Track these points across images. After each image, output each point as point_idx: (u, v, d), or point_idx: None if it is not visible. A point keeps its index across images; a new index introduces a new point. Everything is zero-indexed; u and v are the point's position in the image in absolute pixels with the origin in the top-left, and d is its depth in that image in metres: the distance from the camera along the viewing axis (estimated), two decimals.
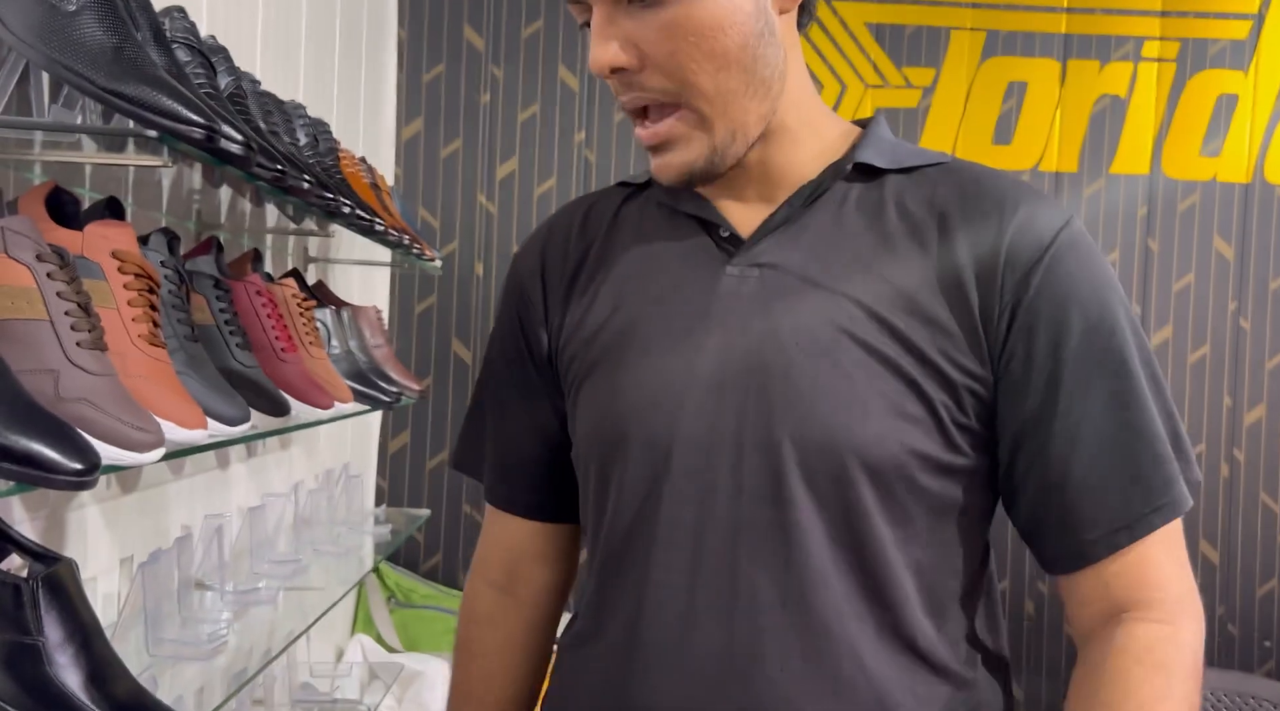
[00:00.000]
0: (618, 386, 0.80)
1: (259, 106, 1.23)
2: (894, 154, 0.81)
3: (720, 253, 0.81)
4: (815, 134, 0.81)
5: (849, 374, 0.74)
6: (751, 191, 0.81)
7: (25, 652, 0.82)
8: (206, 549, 1.36)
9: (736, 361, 0.77)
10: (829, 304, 0.76)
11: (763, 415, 0.75)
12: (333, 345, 1.58)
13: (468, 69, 2.59)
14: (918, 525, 0.76)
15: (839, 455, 0.74)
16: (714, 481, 0.76)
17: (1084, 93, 2.58)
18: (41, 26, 0.81)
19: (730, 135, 0.77)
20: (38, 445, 0.65)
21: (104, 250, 0.89)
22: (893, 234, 0.78)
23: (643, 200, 0.87)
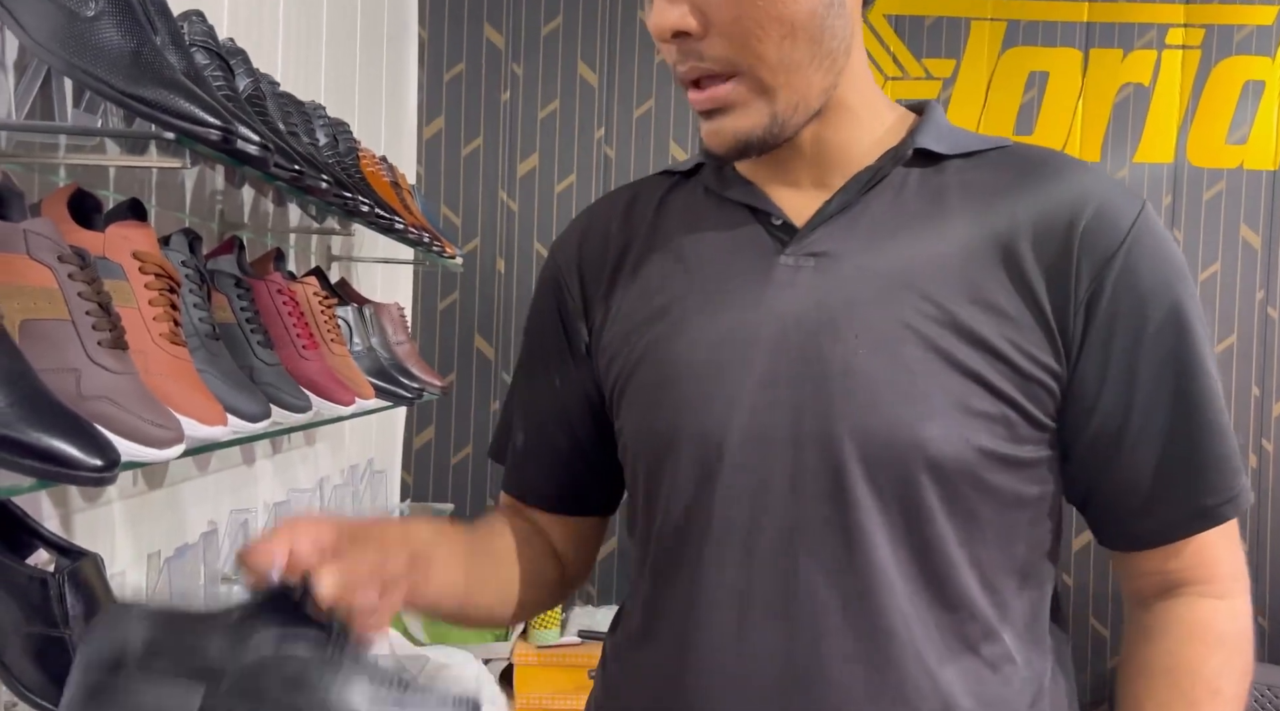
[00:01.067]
0: (666, 381, 0.77)
1: (278, 107, 1.24)
2: (954, 139, 0.78)
3: (773, 242, 0.77)
4: (874, 116, 0.78)
5: (912, 368, 0.71)
6: (805, 176, 0.78)
7: (52, 645, 0.84)
8: (232, 543, 1.39)
9: (792, 355, 0.74)
10: (889, 295, 0.73)
11: (821, 410, 0.72)
12: (355, 342, 1.60)
13: (488, 67, 2.60)
14: (983, 523, 0.73)
15: (903, 453, 0.71)
16: (769, 479, 0.73)
17: (1107, 81, 2.55)
18: (61, 32, 0.83)
19: (792, 106, 0.73)
20: (59, 442, 0.67)
21: (125, 251, 0.91)
22: (955, 221, 0.75)
23: (688, 188, 0.84)
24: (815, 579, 0.72)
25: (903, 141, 0.78)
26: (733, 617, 0.74)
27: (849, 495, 0.72)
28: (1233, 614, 0.75)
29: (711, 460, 0.75)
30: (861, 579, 0.72)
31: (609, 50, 2.60)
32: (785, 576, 0.73)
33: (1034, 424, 0.73)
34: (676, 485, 0.77)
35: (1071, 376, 0.73)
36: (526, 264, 2.61)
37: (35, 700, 0.84)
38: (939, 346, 0.71)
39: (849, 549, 0.72)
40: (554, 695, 2.36)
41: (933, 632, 0.72)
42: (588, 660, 2.31)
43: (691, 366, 0.77)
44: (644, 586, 0.81)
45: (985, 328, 0.71)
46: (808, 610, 0.72)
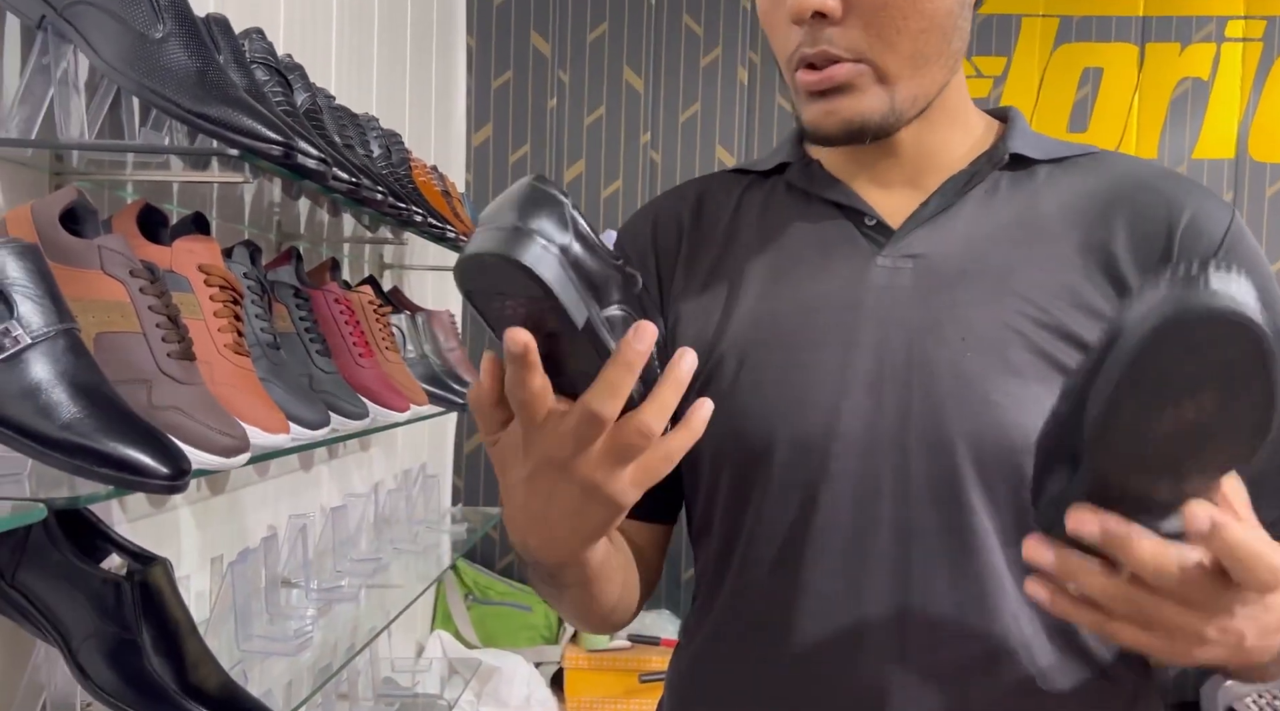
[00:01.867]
0: (757, 384, 0.75)
1: (334, 121, 1.27)
2: (1042, 145, 0.78)
3: (867, 243, 0.76)
4: (969, 120, 0.79)
5: (1020, 371, 0.70)
6: (898, 177, 0.78)
7: (125, 647, 0.87)
8: (291, 548, 1.42)
9: (896, 357, 0.72)
10: (991, 297, 0.73)
11: (931, 413, 0.71)
12: (408, 349, 1.62)
13: (535, 74, 2.62)
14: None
15: (1016, 456, 0.69)
16: (878, 485, 0.72)
17: (1164, 76, 2.50)
18: (131, 54, 0.86)
19: (910, 99, 0.73)
20: (133, 451, 0.69)
21: (191, 264, 0.94)
22: (1049, 225, 0.75)
23: (768, 188, 0.82)
24: (932, 584, 0.71)
25: (995, 146, 0.78)
26: (842, 626, 0.72)
27: (963, 499, 0.71)
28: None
29: (814, 466, 0.73)
30: (979, 583, 0.71)
31: (654, 55, 2.61)
32: (900, 583, 0.71)
33: None
34: (771, 492, 0.74)
35: None
36: None
37: (110, 700, 0.86)
38: (1043, 349, 0.71)
39: (965, 553, 0.71)
40: (604, 698, 2.37)
41: (1043, 636, 0.72)
42: (638, 663, 2.32)
43: (785, 370, 0.74)
44: (724, 596, 0.78)
45: (1086, 331, 0.71)
46: (922, 615, 0.71)
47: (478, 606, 2.50)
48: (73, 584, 0.87)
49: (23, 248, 0.69)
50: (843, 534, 0.72)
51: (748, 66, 2.60)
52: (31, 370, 0.68)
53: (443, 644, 2.37)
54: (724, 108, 2.60)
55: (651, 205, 0.87)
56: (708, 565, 0.81)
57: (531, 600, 2.50)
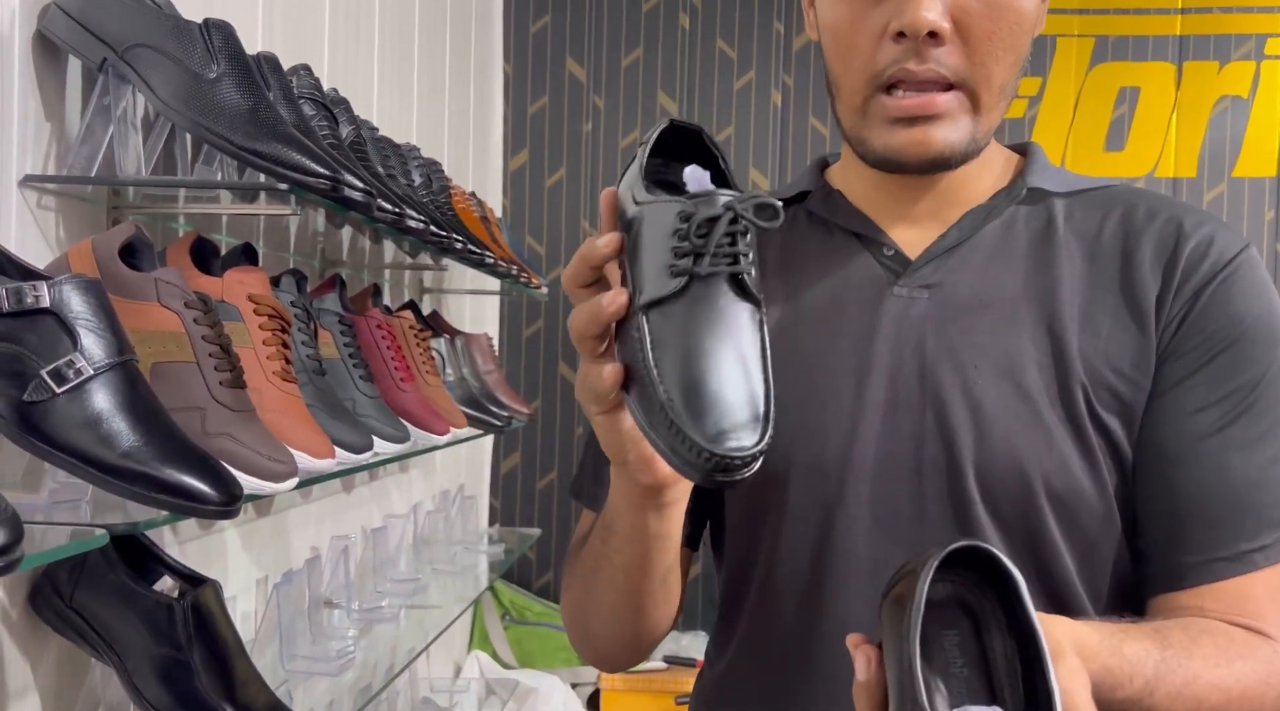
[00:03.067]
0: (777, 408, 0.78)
1: (377, 151, 1.30)
2: (1061, 178, 0.80)
3: (884, 272, 0.78)
4: (992, 155, 0.80)
5: (1031, 397, 0.72)
6: (921, 209, 0.79)
7: (177, 667, 0.89)
8: (334, 569, 1.44)
9: (910, 383, 0.74)
10: (1005, 325, 0.74)
11: (943, 439, 0.73)
12: (447, 372, 1.65)
13: (570, 99, 2.66)
14: (1102, 552, 0.73)
15: (1026, 481, 0.71)
16: (894, 509, 0.73)
17: (1202, 95, 2.48)
18: (187, 93, 0.89)
19: (987, 133, 0.75)
20: (189, 478, 0.72)
21: (241, 294, 0.97)
22: (1064, 255, 0.76)
23: (790, 216, 0.83)
24: None
25: (1014, 181, 0.79)
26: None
27: (973, 525, 0.72)
28: (1272, 649, 0.69)
29: (831, 491, 0.74)
30: None
31: (688, 79, 2.64)
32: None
33: (1135, 448, 0.74)
34: (788, 515, 0.76)
35: (1150, 397, 0.73)
36: None
37: None
38: (1056, 377, 0.72)
39: None
40: None
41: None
42: (674, 685, 2.32)
43: (801, 395, 0.75)
44: (744, 619, 0.79)
45: (1098, 359, 0.73)
46: None
47: (514, 627, 2.52)
48: (127, 605, 0.90)
49: (86, 283, 0.72)
50: (861, 557, 0.74)
51: (781, 89, 2.62)
52: (93, 400, 0.70)
53: (480, 664, 2.38)
54: (758, 130, 2.62)
55: None
56: (727, 587, 0.82)
57: None
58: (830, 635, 0.74)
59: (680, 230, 0.56)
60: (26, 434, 0.69)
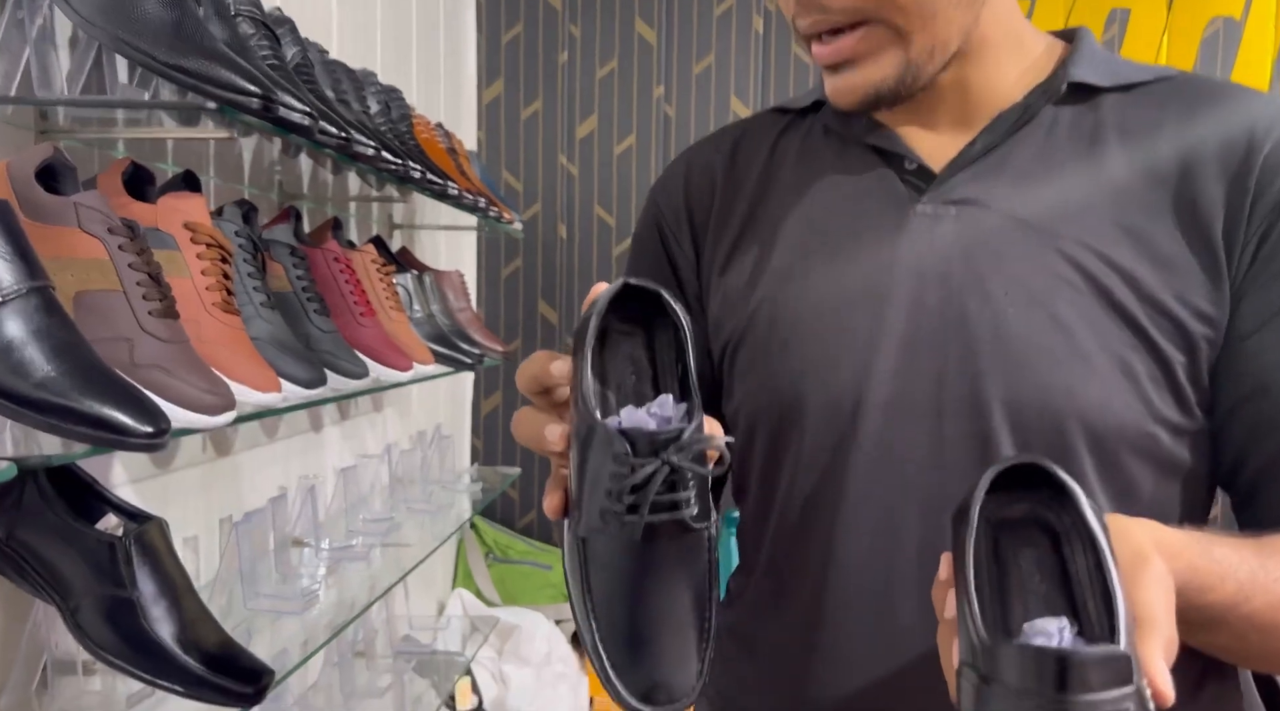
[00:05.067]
0: (787, 343, 0.71)
1: (327, 75, 1.25)
2: (1112, 69, 0.70)
3: (907, 189, 0.71)
4: (1019, 49, 0.71)
5: (1070, 327, 0.65)
6: (943, 117, 0.71)
7: (121, 606, 0.87)
8: (301, 508, 1.42)
9: (932, 314, 0.68)
10: (1042, 246, 0.66)
11: (967, 376, 0.66)
12: (415, 309, 1.61)
13: (545, 28, 2.58)
14: (1140, 495, 0.66)
15: (1059, 421, 0.64)
16: (909, 451, 0.68)
17: (1193, 17, 2.41)
18: (107, 6, 0.84)
19: (928, 52, 0.67)
20: (110, 410, 0.68)
21: (176, 222, 0.93)
22: (1114, 162, 0.67)
23: (805, 129, 0.77)
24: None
25: (1053, 74, 0.70)
26: (871, 601, 0.69)
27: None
28: None
29: (844, 431, 0.69)
30: None
31: (667, 6, 2.55)
32: (930, 553, 0.66)
33: (1198, 386, 0.66)
34: (802, 456, 0.71)
35: (1229, 325, 0.65)
36: (587, 228, 2.60)
37: (108, 657, 0.87)
38: (1098, 302, 0.65)
39: None
40: None
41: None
42: None
43: (816, 327, 0.70)
44: (762, 559, 0.76)
45: (1150, 280, 0.65)
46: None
47: (498, 565, 2.52)
48: (68, 543, 0.87)
49: None
50: (874, 505, 0.68)
51: (763, 14, 2.54)
52: (3, 328, 0.67)
53: (463, 602, 2.38)
54: (739, 58, 2.55)
55: (685, 155, 0.83)
56: (745, 526, 0.78)
57: (551, 558, 2.51)
58: (841, 582, 0.69)
59: (617, 474, 0.52)
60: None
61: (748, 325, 0.74)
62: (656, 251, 0.81)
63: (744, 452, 0.76)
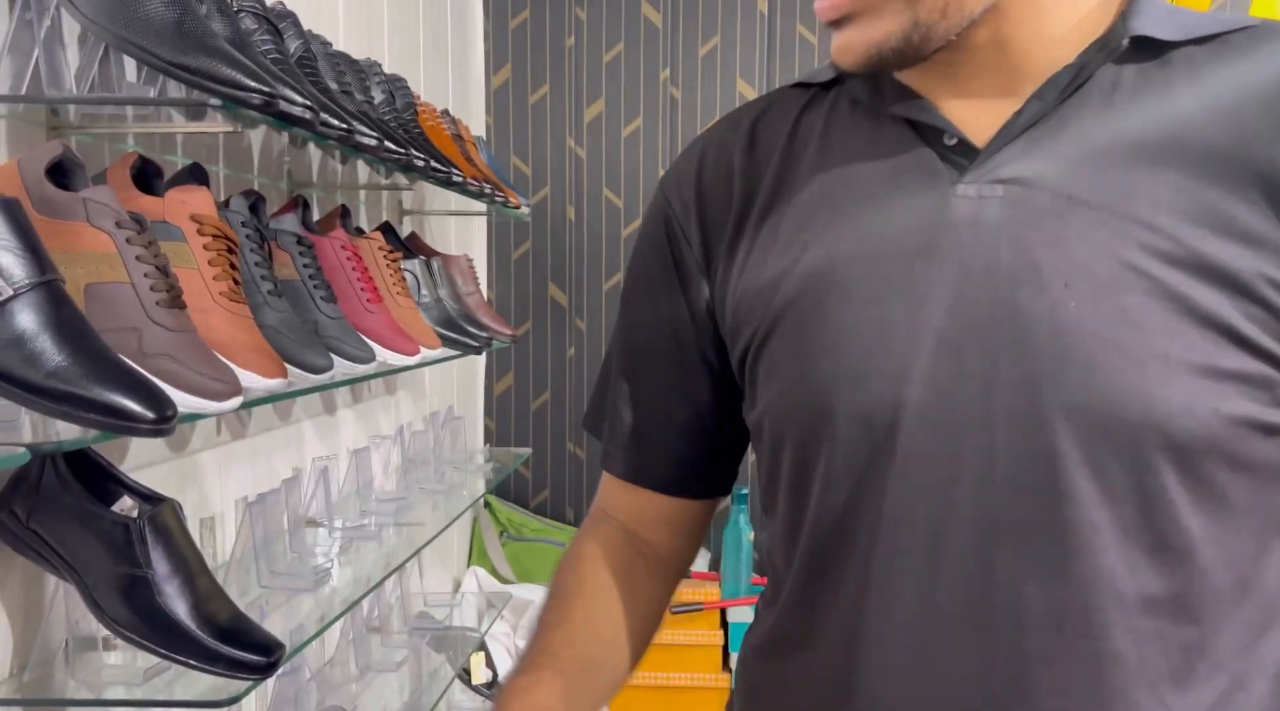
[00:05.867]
0: (814, 348, 0.63)
1: (330, 67, 1.27)
2: (1181, 21, 0.61)
3: (947, 168, 0.62)
4: (1069, 1, 0.61)
5: (1141, 322, 0.56)
6: (985, 83, 0.62)
7: (137, 584, 0.91)
8: (314, 488, 1.46)
9: (980, 311, 0.59)
10: (1106, 228, 0.58)
11: (1022, 381, 0.58)
12: (422, 294, 1.64)
13: (552, 12, 2.59)
14: (1237, 510, 0.59)
15: (1135, 432, 0.56)
16: (956, 469, 0.59)
17: None
18: (109, 6, 0.87)
19: (940, 9, 0.59)
20: (119, 397, 0.72)
21: (183, 214, 0.96)
22: (1189, 127, 0.59)
23: (829, 104, 0.69)
24: (1023, 591, 0.58)
25: (1112, 28, 0.61)
26: (913, 632, 0.61)
27: (1065, 486, 0.57)
28: None
29: (880, 446, 0.61)
30: (1083, 591, 0.58)
31: None
32: (981, 586, 0.59)
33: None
34: (833, 473, 0.63)
35: None
36: (595, 211, 2.62)
37: (126, 634, 0.91)
38: (1175, 291, 0.57)
39: (1066, 553, 0.58)
40: None
41: (1175, 655, 0.59)
42: None
43: (846, 329, 0.62)
44: (792, 584, 0.68)
45: (1236, 262, 0.56)
46: (1009, 627, 0.59)
47: (512, 543, 2.56)
48: (84, 525, 0.91)
49: (2, 202, 0.71)
50: (917, 527, 0.61)
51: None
52: (15, 320, 0.70)
53: (478, 579, 2.43)
54: (744, 40, 2.55)
55: (700, 140, 0.75)
56: (774, 544, 0.71)
57: (565, 536, 2.55)
58: (882, 614, 0.62)
59: None
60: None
61: (772, 327, 0.66)
62: (661, 247, 0.74)
63: (772, 466, 0.68)
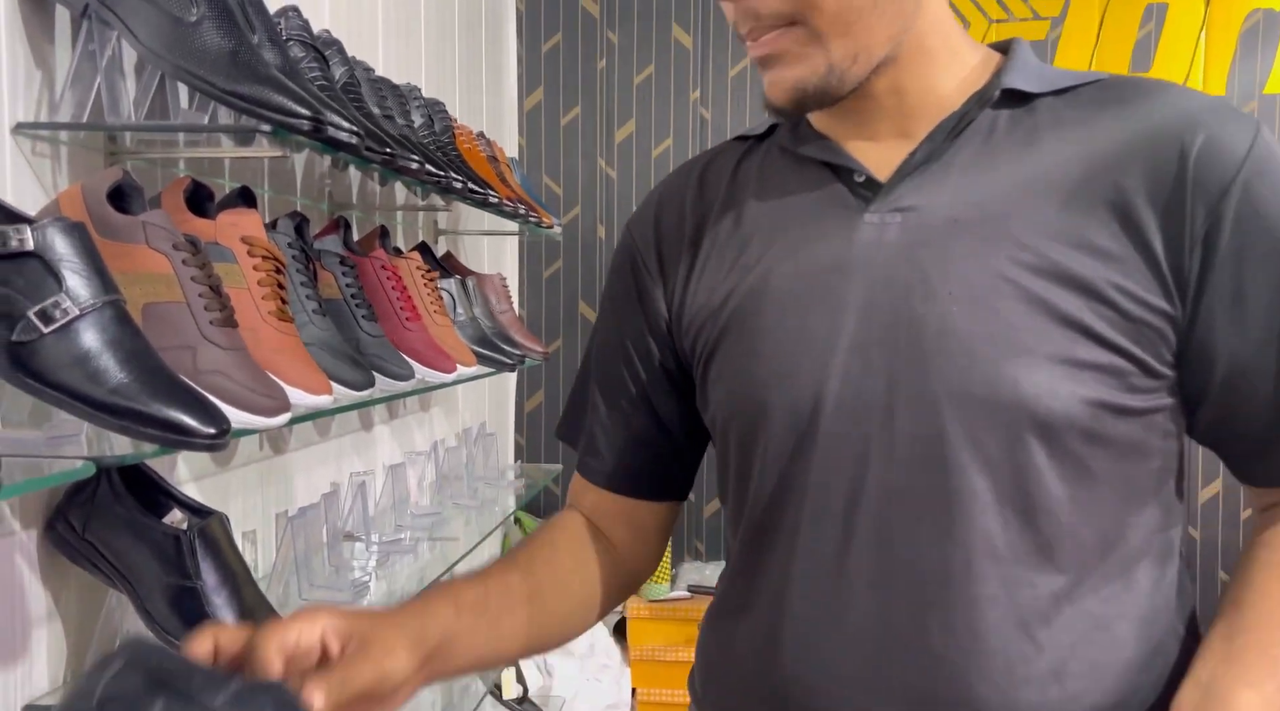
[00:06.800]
0: (754, 352, 0.76)
1: (373, 92, 1.31)
2: (1044, 76, 0.74)
3: (856, 200, 0.74)
4: (956, 59, 0.75)
5: (1012, 322, 0.68)
6: (885, 127, 0.75)
7: (186, 593, 0.94)
8: (352, 503, 1.49)
9: (883, 316, 0.71)
10: (983, 245, 0.69)
11: (916, 374, 0.69)
12: (458, 312, 1.67)
13: (584, 36, 2.63)
14: (1098, 478, 0.69)
15: (1007, 413, 0.67)
16: (864, 447, 0.71)
17: (1233, 9, 2.39)
18: (168, 37, 0.90)
19: (850, 56, 0.70)
20: (177, 412, 0.75)
21: (234, 236, 0.99)
22: (1050, 162, 0.71)
23: (763, 152, 0.82)
24: (917, 549, 0.69)
25: (989, 83, 0.74)
26: (829, 589, 0.72)
27: (950, 459, 0.68)
28: None
29: (804, 430, 0.73)
30: (964, 546, 0.68)
31: (702, 11, 2.59)
32: (884, 547, 0.70)
33: (1148, 371, 0.69)
34: (769, 456, 0.75)
35: (1193, 317, 0.69)
36: None
37: (175, 643, 0.94)
38: (1039, 297, 0.68)
39: (951, 517, 0.69)
40: (665, 646, 2.43)
41: (1043, 600, 0.69)
42: (697, 613, 2.37)
43: (778, 335, 0.75)
44: (737, 557, 0.80)
45: (1090, 272, 0.67)
46: (908, 580, 0.70)
47: None
48: (137, 536, 0.94)
49: (69, 226, 0.74)
50: (834, 497, 0.72)
51: None
52: (81, 339, 0.73)
53: None
54: None
55: (660, 187, 0.89)
56: (728, 527, 0.83)
57: None
58: (804, 575, 0.73)
59: None
60: (17, 372, 0.72)
61: (720, 337, 0.78)
62: (626, 278, 0.86)
63: (723, 456, 0.81)
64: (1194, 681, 0.67)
